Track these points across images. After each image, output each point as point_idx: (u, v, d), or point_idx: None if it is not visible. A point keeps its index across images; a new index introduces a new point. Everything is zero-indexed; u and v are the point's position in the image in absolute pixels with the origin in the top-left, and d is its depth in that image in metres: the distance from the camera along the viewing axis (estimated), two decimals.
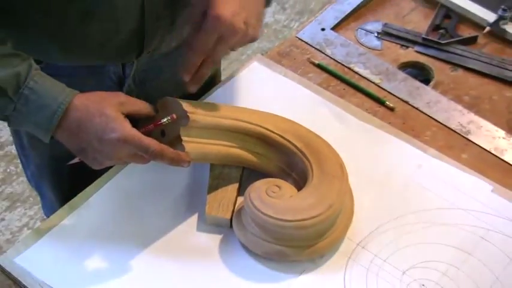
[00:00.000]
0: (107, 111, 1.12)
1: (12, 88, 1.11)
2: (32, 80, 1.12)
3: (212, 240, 1.23)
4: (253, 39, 1.20)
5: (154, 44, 1.31)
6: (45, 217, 1.83)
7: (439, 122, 1.46)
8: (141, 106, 1.19)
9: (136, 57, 1.32)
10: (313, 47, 1.60)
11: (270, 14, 3.37)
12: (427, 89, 1.53)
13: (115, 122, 1.12)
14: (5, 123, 1.16)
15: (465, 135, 1.44)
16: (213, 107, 1.26)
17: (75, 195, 1.29)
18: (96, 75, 1.34)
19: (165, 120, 1.16)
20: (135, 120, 1.18)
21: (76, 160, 1.17)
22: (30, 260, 1.20)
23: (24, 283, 1.17)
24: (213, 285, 1.18)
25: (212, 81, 1.54)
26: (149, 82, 1.42)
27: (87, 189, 1.30)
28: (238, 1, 1.14)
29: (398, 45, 1.63)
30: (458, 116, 1.47)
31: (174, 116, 1.16)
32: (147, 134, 1.15)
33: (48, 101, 1.12)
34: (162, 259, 1.21)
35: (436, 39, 1.61)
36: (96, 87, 1.18)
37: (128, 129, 1.12)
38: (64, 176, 1.51)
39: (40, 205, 2.58)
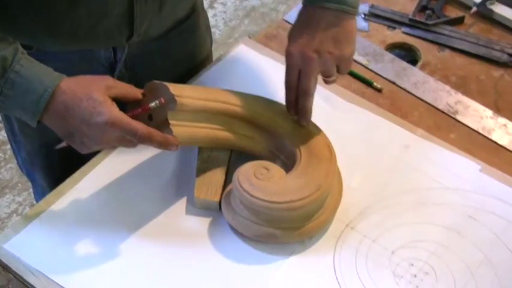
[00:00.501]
0: (94, 95, 1.11)
1: None
2: (18, 63, 1.11)
3: (201, 223, 1.23)
4: (342, 58, 1.23)
5: (143, 27, 1.31)
6: (35, 203, 1.82)
7: (426, 102, 1.46)
8: (128, 90, 1.18)
9: (127, 40, 1.32)
10: None
11: None
12: (415, 69, 1.53)
13: (102, 106, 1.11)
14: None
15: (453, 116, 1.44)
16: (200, 91, 1.25)
17: (60, 175, 1.29)
18: (87, 61, 1.34)
19: (153, 104, 1.16)
20: (123, 104, 1.18)
21: (64, 144, 1.17)
22: (19, 246, 1.19)
23: (13, 269, 1.17)
24: (203, 268, 1.18)
25: (203, 64, 1.55)
26: (140, 68, 1.41)
27: (76, 174, 1.30)
28: (309, 31, 1.21)
29: (386, 27, 1.63)
30: (446, 97, 1.47)
31: (163, 100, 1.16)
32: (135, 118, 1.14)
33: (34, 85, 1.10)
34: (152, 243, 1.21)
35: (423, 20, 1.62)
36: (87, 73, 1.17)
37: (115, 112, 1.11)
38: (55, 162, 1.51)
39: (29, 191, 2.59)
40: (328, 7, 1.21)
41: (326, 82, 1.27)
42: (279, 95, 1.31)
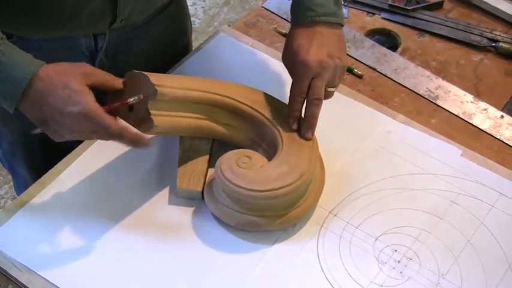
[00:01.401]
0: (71, 83, 1.10)
1: None
2: None
3: (184, 213, 1.23)
4: (344, 67, 1.27)
5: (126, 12, 1.30)
6: (16, 197, 1.81)
7: (407, 88, 1.47)
8: (106, 78, 1.17)
9: (109, 25, 1.31)
10: (280, 17, 1.60)
11: None
12: (395, 55, 1.53)
13: (78, 95, 1.10)
14: None
15: (433, 101, 1.44)
16: (181, 80, 1.25)
17: (43, 165, 1.28)
18: (68, 50, 1.33)
19: (131, 99, 1.15)
20: (103, 93, 1.17)
21: (39, 130, 1.16)
22: (2, 239, 1.19)
23: None
24: (186, 258, 1.18)
25: (182, 53, 1.54)
26: (121, 56, 1.41)
27: (58, 165, 1.29)
28: (316, 41, 1.23)
29: (365, 13, 1.64)
30: (426, 82, 1.48)
31: (142, 96, 1.15)
32: (114, 110, 1.14)
33: (14, 71, 1.09)
34: (134, 234, 1.20)
35: (402, 6, 1.62)
36: (68, 60, 1.16)
37: (90, 104, 1.10)
38: (37, 152, 1.50)
39: (10, 184, 2.58)
40: (329, 21, 1.25)
41: (326, 95, 1.27)
42: (259, 83, 1.31)
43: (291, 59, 1.26)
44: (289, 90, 1.25)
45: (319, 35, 1.24)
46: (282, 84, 1.39)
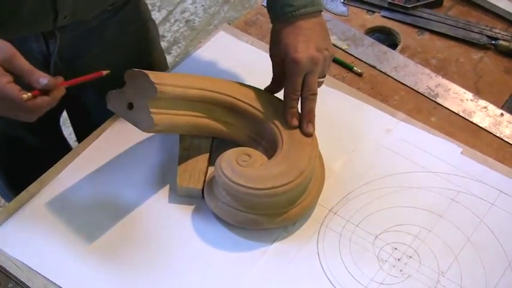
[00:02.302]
0: None
1: None
2: None
3: (184, 211, 1.23)
4: (331, 56, 1.27)
5: (68, 6, 1.27)
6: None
7: (407, 86, 1.47)
8: (24, 69, 1.08)
9: (54, 22, 1.27)
10: None
11: None
12: (395, 53, 1.53)
13: None
14: None
15: (433, 99, 1.44)
16: (180, 78, 1.25)
17: (18, 172, 1.27)
18: (21, 54, 1.31)
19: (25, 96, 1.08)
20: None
21: None
22: (2, 237, 1.19)
23: None
24: (186, 256, 1.18)
25: (151, 60, 1.56)
26: (77, 59, 1.39)
27: (57, 164, 1.29)
28: (302, 37, 1.23)
29: (365, 11, 1.63)
30: (426, 80, 1.48)
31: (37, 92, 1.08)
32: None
33: None
34: (135, 232, 1.20)
35: (401, 4, 1.62)
36: None
37: (2, 82, 1.04)
38: (3, 150, 1.49)
39: None
40: (308, 12, 1.24)
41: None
42: (259, 81, 1.31)
43: (279, 58, 1.26)
44: None
45: (303, 30, 1.24)
46: None
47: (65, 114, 1.65)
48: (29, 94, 1.05)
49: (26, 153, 1.26)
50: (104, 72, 1.15)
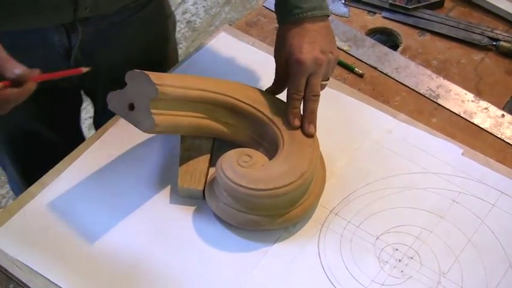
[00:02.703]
0: None
1: None
2: None
3: (185, 212, 1.23)
4: (336, 59, 1.28)
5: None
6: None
7: (408, 87, 1.47)
8: (2, 55, 1.04)
9: (74, 13, 1.28)
10: None
11: None
12: (396, 54, 1.53)
13: None
14: None
15: (434, 100, 1.44)
16: (181, 79, 1.25)
17: (34, 167, 1.27)
18: (43, 47, 1.32)
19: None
20: None
21: None
22: (3, 238, 1.19)
23: None
24: (188, 257, 1.18)
25: (167, 56, 1.58)
26: (98, 54, 1.40)
27: (58, 165, 1.29)
28: (308, 38, 1.24)
29: (366, 12, 1.63)
30: (427, 81, 1.48)
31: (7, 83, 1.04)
32: None
33: None
34: (136, 232, 1.20)
35: (403, 5, 1.62)
36: (43, 59, 1.13)
37: None
38: (20, 145, 1.49)
39: None
40: (316, 15, 1.25)
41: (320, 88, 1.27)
42: (260, 82, 1.31)
43: (283, 59, 1.26)
44: None
45: (309, 32, 1.25)
46: None
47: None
48: (1, 84, 1.01)
49: (42, 147, 1.25)
50: (84, 70, 1.14)
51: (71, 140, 1.42)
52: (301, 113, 1.25)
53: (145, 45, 1.50)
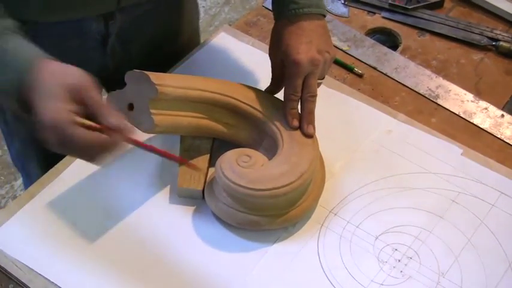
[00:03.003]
0: (52, 84, 0.99)
1: None
2: (2, 39, 1.04)
3: (185, 212, 1.23)
4: (332, 58, 1.28)
5: None
6: (17, 196, 1.81)
7: (407, 87, 1.47)
8: (96, 103, 1.00)
9: (117, 3, 1.30)
10: None
11: None
12: (395, 54, 1.53)
13: (50, 100, 0.98)
14: None
15: (434, 100, 1.44)
16: (181, 79, 1.25)
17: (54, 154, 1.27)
18: (79, 35, 1.32)
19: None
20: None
21: None
22: (3, 238, 1.19)
23: None
24: (187, 257, 1.18)
25: (191, 42, 1.57)
26: (132, 41, 1.41)
27: (58, 165, 1.29)
28: (304, 38, 1.23)
29: (365, 12, 1.64)
30: (427, 81, 1.48)
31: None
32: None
33: (14, 62, 1.02)
34: (135, 233, 1.20)
35: (402, 5, 1.62)
36: (79, 48, 1.11)
37: (60, 112, 0.97)
38: (49, 151, 1.49)
39: (11, 184, 2.58)
40: (312, 12, 1.25)
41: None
42: (260, 82, 1.31)
43: (279, 59, 1.26)
44: None
45: (305, 31, 1.25)
46: None
47: None
48: (90, 123, 0.98)
49: None
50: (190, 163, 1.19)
51: None
52: (300, 113, 1.25)
53: (172, 32, 1.51)
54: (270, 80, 1.30)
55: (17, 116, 1.41)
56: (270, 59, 1.29)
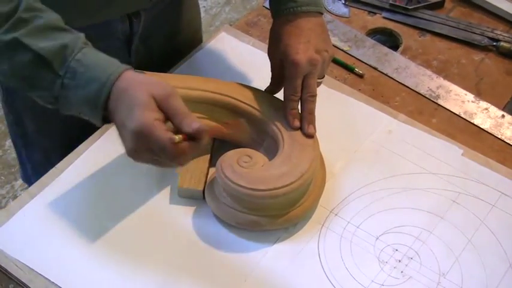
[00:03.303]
0: (138, 92, 1.01)
1: (58, 60, 1.03)
2: (80, 52, 1.04)
3: (185, 212, 1.23)
4: (331, 57, 1.28)
5: None
6: (18, 196, 1.81)
7: (408, 87, 1.47)
8: (180, 111, 1.04)
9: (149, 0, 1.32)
10: None
11: None
12: (396, 54, 1.53)
13: (139, 108, 1.00)
14: None
15: (434, 100, 1.44)
16: (182, 79, 1.25)
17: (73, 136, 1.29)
18: (105, 36, 1.31)
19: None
20: None
21: None
22: (3, 238, 1.19)
23: None
24: (188, 257, 1.18)
25: (195, 39, 1.59)
26: (151, 38, 1.42)
27: (59, 165, 1.29)
28: (303, 38, 1.24)
29: (366, 12, 1.64)
30: (427, 81, 1.48)
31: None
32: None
33: (97, 73, 1.03)
34: (136, 233, 1.20)
35: (403, 5, 1.62)
36: (104, 49, 1.11)
37: (148, 118, 1.00)
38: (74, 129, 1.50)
39: (12, 184, 2.58)
40: (310, 10, 1.26)
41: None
42: (260, 82, 1.31)
43: (278, 59, 1.26)
44: None
45: (304, 31, 1.24)
46: None
47: None
48: (180, 136, 1.00)
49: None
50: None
51: None
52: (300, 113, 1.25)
53: (183, 26, 1.53)
54: (270, 80, 1.30)
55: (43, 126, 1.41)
56: (269, 58, 1.29)
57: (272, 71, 1.29)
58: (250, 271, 1.16)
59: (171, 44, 1.47)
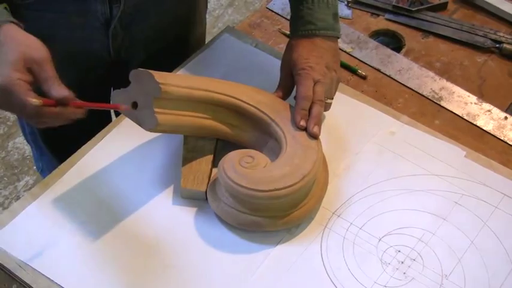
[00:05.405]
0: (9, 52, 1.06)
1: None
2: None
3: (188, 213, 1.23)
4: (338, 80, 1.33)
5: None
6: (21, 197, 1.81)
7: (411, 89, 1.47)
8: (48, 76, 1.08)
9: None
10: (284, 18, 1.60)
11: None
12: (399, 56, 1.53)
13: (6, 66, 1.05)
14: None
15: (437, 102, 1.44)
16: (185, 79, 1.25)
17: (60, 140, 1.30)
18: (84, 15, 1.34)
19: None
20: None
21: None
22: (6, 239, 1.19)
23: (0, 262, 1.16)
24: (190, 258, 1.18)
25: (196, 35, 1.62)
26: (135, 26, 1.42)
27: (61, 166, 1.29)
28: (316, 53, 1.29)
29: (369, 14, 1.64)
30: (430, 83, 1.48)
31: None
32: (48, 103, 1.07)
33: None
34: (139, 233, 1.20)
35: (406, 7, 1.62)
36: (83, 26, 1.15)
37: (13, 78, 1.04)
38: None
39: (15, 185, 2.59)
40: (328, 35, 1.31)
41: (325, 106, 1.30)
42: (263, 83, 1.31)
43: (288, 69, 1.30)
44: (292, 91, 1.26)
45: (318, 47, 1.29)
46: None
47: None
48: (41, 101, 1.04)
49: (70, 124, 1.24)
50: (122, 107, 1.16)
51: (99, 119, 1.42)
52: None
53: (177, 21, 1.53)
54: (276, 86, 1.32)
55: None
56: (280, 69, 1.32)
57: (280, 80, 1.32)
58: (253, 272, 1.16)
59: (165, 38, 1.49)
